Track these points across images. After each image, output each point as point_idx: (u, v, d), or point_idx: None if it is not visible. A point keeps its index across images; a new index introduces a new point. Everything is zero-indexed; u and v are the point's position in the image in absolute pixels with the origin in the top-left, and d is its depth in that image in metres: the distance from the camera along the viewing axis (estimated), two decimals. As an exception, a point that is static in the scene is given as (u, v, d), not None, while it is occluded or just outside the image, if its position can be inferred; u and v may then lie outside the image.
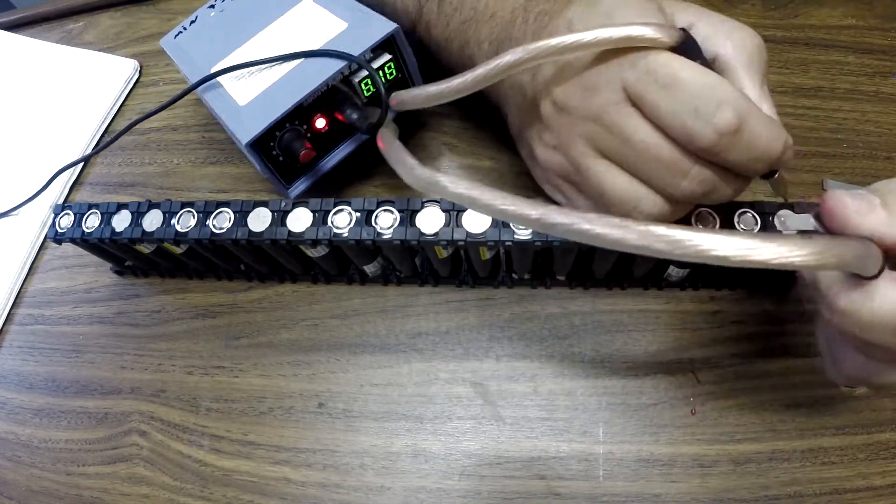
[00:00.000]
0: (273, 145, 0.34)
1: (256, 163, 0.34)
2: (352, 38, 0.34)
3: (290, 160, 0.35)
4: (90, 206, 0.34)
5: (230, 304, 0.38)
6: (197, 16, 0.42)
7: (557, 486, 0.31)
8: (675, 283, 0.34)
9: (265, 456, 0.33)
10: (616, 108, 0.23)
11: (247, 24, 0.39)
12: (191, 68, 0.39)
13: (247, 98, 0.35)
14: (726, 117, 0.21)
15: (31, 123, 0.48)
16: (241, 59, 0.36)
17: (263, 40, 0.37)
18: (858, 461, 0.30)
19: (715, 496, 0.30)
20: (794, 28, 0.42)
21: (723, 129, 0.21)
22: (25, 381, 0.38)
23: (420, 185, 0.23)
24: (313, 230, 0.30)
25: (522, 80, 0.28)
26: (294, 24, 0.37)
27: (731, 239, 0.16)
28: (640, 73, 0.22)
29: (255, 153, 0.34)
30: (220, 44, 0.38)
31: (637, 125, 0.23)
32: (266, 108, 0.33)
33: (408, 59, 0.36)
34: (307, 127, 0.35)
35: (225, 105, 0.35)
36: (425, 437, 0.33)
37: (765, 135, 0.22)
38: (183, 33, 0.42)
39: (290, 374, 0.35)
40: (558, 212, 0.18)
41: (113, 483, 0.34)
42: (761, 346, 0.33)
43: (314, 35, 0.36)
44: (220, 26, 0.40)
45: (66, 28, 0.54)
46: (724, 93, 0.21)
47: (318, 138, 0.36)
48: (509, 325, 0.35)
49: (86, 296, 0.40)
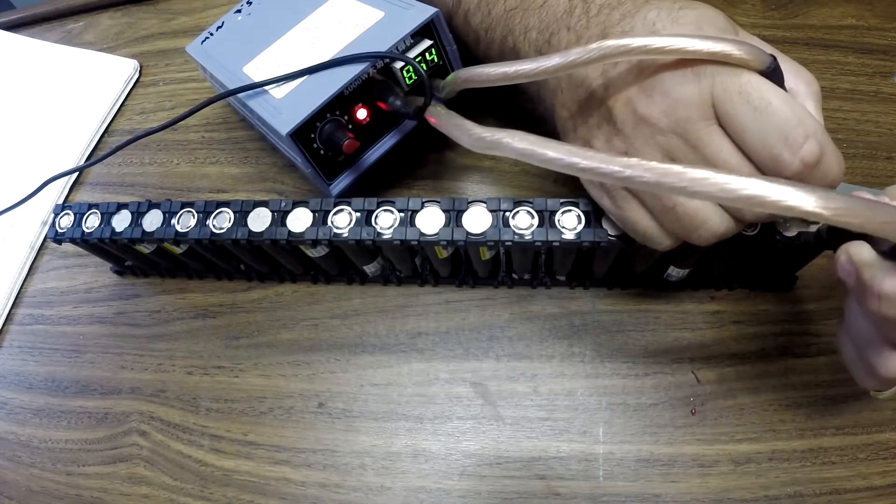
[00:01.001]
0: (314, 137, 0.33)
1: (298, 155, 0.33)
2: (390, 26, 0.33)
3: (332, 153, 0.34)
4: (90, 206, 0.34)
5: (230, 304, 0.38)
6: (224, 21, 0.41)
7: (557, 486, 0.31)
8: (675, 283, 0.34)
9: (265, 456, 0.33)
10: (702, 125, 0.23)
11: (276, 23, 0.38)
12: (222, 72, 0.38)
13: (283, 91, 0.34)
14: (812, 150, 0.21)
15: (31, 123, 0.48)
16: (274, 58, 0.36)
17: (295, 38, 0.36)
18: (858, 461, 0.30)
19: (715, 496, 0.30)
20: (794, 28, 0.42)
21: (808, 161, 0.21)
22: (25, 381, 0.38)
23: (482, 145, 0.23)
24: (313, 230, 0.30)
25: (588, 73, 0.27)
26: (327, 20, 0.36)
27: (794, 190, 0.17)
28: (734, 93, 0.22)
29: (296, 145, 0.32)
30: (250, 45, 0.38)
31: (721, 144, 0.23)
32: (305, 99, 0.32)
33: (447, 45, 0.35)
34: (348, 118, 0.34)
35: (260, 100, 0.34)
36: (425, 437, 0.33)
37: (835, 166, 0.22)
38: (210, 39, 0.41)
39: (290, 374, 0.35)
40: (619, 162, 0.19)
41: (113, 483, 0.34)
42: (761, 346, 0.33)
43: (349, 27, 0.35)
44: (248, 28, 0.40)
45: (66, 28, 0.54)
46: (811, 125, 0.22)
47: (360, 130, 0.35)
48: (509, 325, 0.35)
49: (86, 296, 0.40)
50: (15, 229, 0.43)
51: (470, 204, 0.29)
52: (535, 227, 0.28)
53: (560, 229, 0.28)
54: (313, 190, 0.40)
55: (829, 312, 0.33)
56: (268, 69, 0.35)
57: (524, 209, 0.29)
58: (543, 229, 0.28)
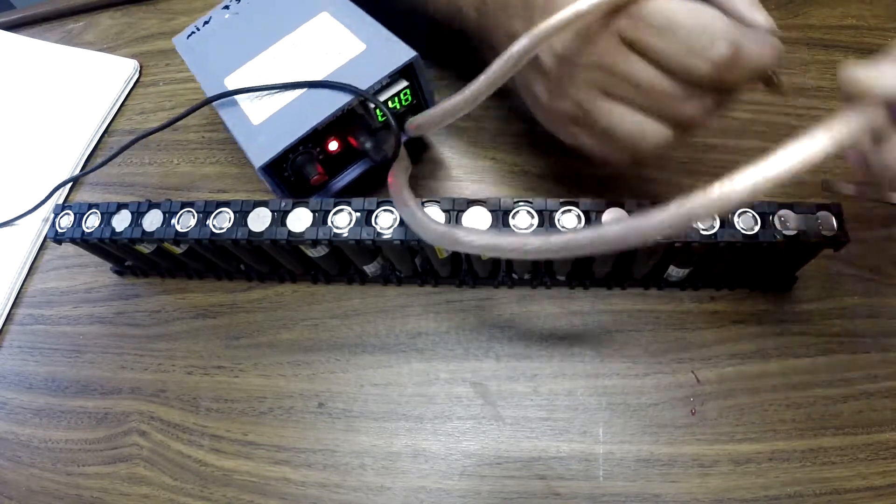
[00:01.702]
0: (286, 167, 0.34)
1: (269, 184, 0.34)
2: (370, 62, 0.34)
3: (301, 181, 0.35)
4: (90, 206, 0.34)
5: (230, 304, 0.38)
6: (211, 16, 0.41)
7: (557, 486, 0.31)
8: (675, 283, 0.34)
9: (265, 456, 0.33)
10: (615, 52, 0.25)
11: (262, 32, 0.38)
12: (204, 74, 0.38)
13: (260, 117, 0.34)
14: (720, 50, 0.23)
15: (32, 123, 0.48)
16: (255, 72, 0.36)
17: (278, 54, 0.36)
18: (858, 461, 0.30)
19: (715, 496, 0.30)
20: (794, 28, 0.42)
21: (719, 61, 0.23)
22: (25, 381, 0.38)
23: (434, 238, 0.26)
24: (313, 230, 0.30)
25: (516, 27, 0.29)
26: (311, 40, 0.36)
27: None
28: (635, 20, 0.24)
29: (268, 175, 0.33)
30: (233, 52, 0.38)
31: (637, 65, 0.25)
32: (280, 131, 0.33)
33: (424, 85, 0.35)
34: (320, 149, 0.35)
35: (238, 121, 0.35)
36: (425, 437, 0.33)
37: (756, 52, 0.23)
38: (196, 34, 0.41)
39: (290, 374, 0.35)
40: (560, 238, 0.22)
41: (113, 483, 0.34)
42: (761, 346, 0.33)
43: (331, 55, 0.35)
44: (233, 31, 0.40)
45: (66, 28, 0.54)
46: (715, 28, 0.23)
47: (330, 160, 0.36)
48: (509, 325, 0.35)
49: (86, 296, 0.40)
50: (15, 229, 0.43)
51: (470, 204, 0.29)
52: (535, 227, 0.28)
53: (560, 229, 0.28)
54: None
55: (829, 312, 0.33)
56: (249, 83, 0.36)
57: (524, 209, 0.29)
58: (543, 229, 0.28)
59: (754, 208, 0.28)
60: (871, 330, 0.33)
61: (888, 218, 0.35)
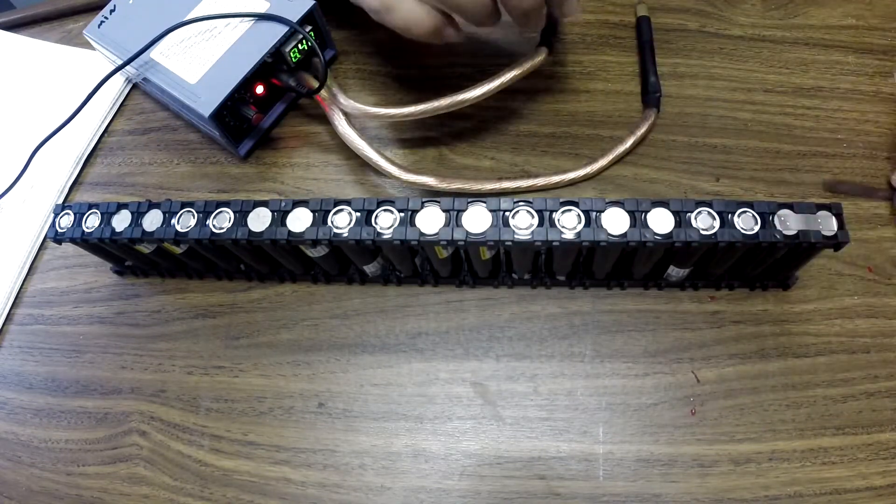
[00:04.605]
0: (226, 114, 0.39)
1: (218, 131, 0.39)
2: (278, 13, 0.39)
3: (240, 124, 0.41)
4: (90, 206, 0.34)
5: (230, 304, 0.38)
6: (115, 5, 0.44)
7: (557, 486, 0.31)
8: (675, 283, 0.34)
9: (265, 456, 0.33)
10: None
11: (168, 8, 0.42)
12: (123, 53, 0.41)
13: (195, 77, 0.39)
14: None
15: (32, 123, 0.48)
16: (176, 43, 0.40)
17: (191, 24, 0.40)
18: (858, 461, 0.30)
19: (715, 496, 0.30)
20: (794, 28, 0.42)
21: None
22: (25, 381, 0.38)
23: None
24: (313, 230, 0.30)
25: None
26: (218, 5, 0.41)
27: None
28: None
29: (216, 123, 0.38)
30: (148, 27, 0.41)
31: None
32: (218, 83, 0.38)
33: (324, 29, 0.42)
34: (249, 94, 0.40)
35: (176, 84, 0.39)
36: (425, 437, 0.33)
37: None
38: (106, 22, 0.44)
39: (290, 374, 0.35)
40: None
41: (113, 483, 0.34)
42: (761, 346, 0.33)
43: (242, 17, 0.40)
44: (142, 10, 0.43)
45: (66, 28, 0.54)
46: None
47: (259, 102, 0.41)
48: (509, 325, 0.35)
49: (86, 296, 0.40)
50: (15, 229, 0.43)
51: (470, 204, 0.29)
52: (535, 227, 0.28)
53: (560, 229, 0.28)
54: (313, 189, 0.40)
55: (829, 312, 0.33)
56: (176, 54, 0.40)
57: (524, 209, 0.29)
58: (543, 229, 0.28)
59: (754, 208, 0.28)
60: (871, 330, 0.33)
61: (888, 218, 0.35)
